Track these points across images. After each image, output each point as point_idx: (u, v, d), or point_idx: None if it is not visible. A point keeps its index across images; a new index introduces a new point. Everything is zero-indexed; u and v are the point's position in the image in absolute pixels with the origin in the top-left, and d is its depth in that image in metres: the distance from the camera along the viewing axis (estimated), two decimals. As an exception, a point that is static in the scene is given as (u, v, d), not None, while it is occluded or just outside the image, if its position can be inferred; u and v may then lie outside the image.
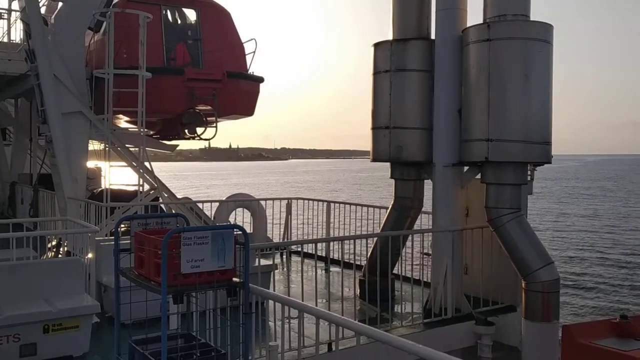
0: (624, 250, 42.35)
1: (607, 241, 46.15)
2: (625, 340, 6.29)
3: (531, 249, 6.93)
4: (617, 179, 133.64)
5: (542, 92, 7.04)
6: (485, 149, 6.99)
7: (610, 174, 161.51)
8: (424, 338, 6.60)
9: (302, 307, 4.23)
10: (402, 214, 8.34)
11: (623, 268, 35.53)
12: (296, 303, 4.35)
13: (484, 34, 7.06)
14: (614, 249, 42.56)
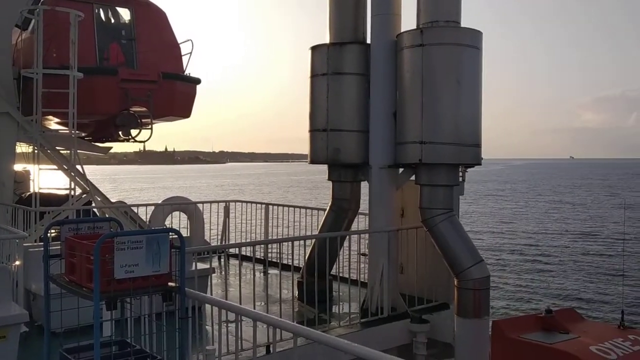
0: (548, 247, 44.43)
1: (532, 240, 48.29)
2: (550, 334, 6.61)
3: (463, 248, 7.17)
4: (539, 181, 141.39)
5: (472, 97, 7.29)
6: (419, 151, 7.18)
7: (535, 177, 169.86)
8: (360, 337, 6.70)
9: (239, 310, 4.23)
10: (339, 215, 8.44)
11: (548, 264, 37.25)
12: (233, 306, 4.34)
13: (417, 39, 7.25)
14: (538, 247, 44.59)
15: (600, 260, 38.61)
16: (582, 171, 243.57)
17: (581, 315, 7.97)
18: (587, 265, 37.12)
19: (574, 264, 37.40)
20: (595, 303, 26.91)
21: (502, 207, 76.55)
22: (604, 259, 39.27)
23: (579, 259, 39.39)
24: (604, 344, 6.58)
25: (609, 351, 6.44)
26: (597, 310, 25.54)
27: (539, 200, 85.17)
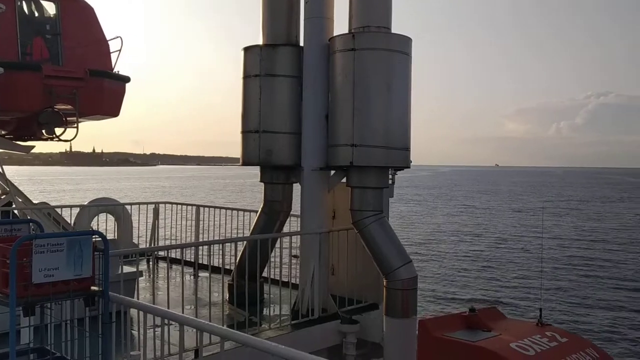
0: (472, 249, 46.09)
1: (457, 241, 50.05)
2: (473, 332, 6.87)
3: (392, 249, 7.31)
4: (464, 187, 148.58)
5: (402, 101, 7.45)
6: (350, 153, 7.27)
7: (462, 182, 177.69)
8: (291, 339, 6.71)
9: (165, 314, 4.14)
10: (271, 217, 8.42)
11: (472, 265, 38.64)
12: (159, 310, 4.24)
13: (349, 43, 7.34)
14: (463, 248, 46.20)
15: (520, 261, 40.40)
16: (507, 178, 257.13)
17: (503, 314, 8.33)
18: (508, 265, 38.74)
19: (496, 264, 38.95)
20: (516, 301, 28.11)
21: (429, 211, 79.78)
22: (524, 259, 41.11)
23: (500, 259, 41.08)
24: (524, 341, 6.90)
25: (527, 347, 6.76)
26: (518, 308, 26.68)
27: (462, 204, 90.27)
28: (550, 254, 42.38)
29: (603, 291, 30.85)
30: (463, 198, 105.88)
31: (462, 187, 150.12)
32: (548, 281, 32.56)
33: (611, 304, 28.06)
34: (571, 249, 46.52)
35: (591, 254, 43.53)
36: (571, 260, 40.57)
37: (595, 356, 7.42)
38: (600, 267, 38.21)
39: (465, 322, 7.41)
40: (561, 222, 64.59)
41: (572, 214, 74.90)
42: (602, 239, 52.67)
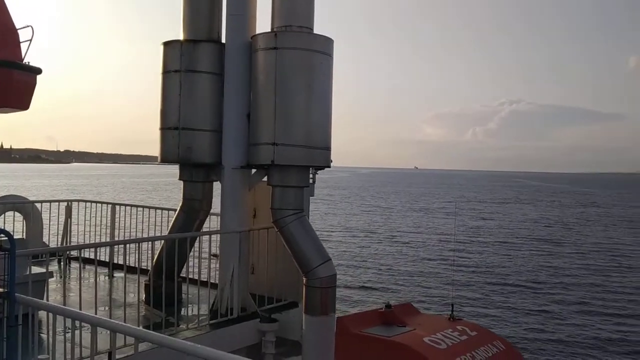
0: (388, 246, 47.43)
1: (374, 239, 51.39)
2: (389, 327, 7.07)
3: (312, 248, 7.38)
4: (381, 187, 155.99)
5: (323, 101, 7.54)
6: (271, 152, 7.27)
7: (377, 183, 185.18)
8: (209, 339, 6.63)
9: (76, 315, 3.99)
10: (190, 215, 8.28)
11: (389, 262, 39.75)
12: (70, 312, 4.08)
13: (271, 42, 7.34)
14: (380, 246, 47.48)
15: (434, 257, 41.93)
16: (423, 180, 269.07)
17: (417, 309, 8.62)
18: (422, 261, 40.12)
19: (411, 261, 40.23)
20: (430, 297, 29.13)
21: (347, 210, 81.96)
22: (437, 256, 42.70)
23: (415, 256, 42.44)
24: (436, 335, 7.17)
25: (440, 341, 7.03)
26: (432, 303, 27.66)
27: (372, 205, 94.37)
28: (460, 249, 44.23)
29: (510, 286, 32.54)
30: (371, 198, 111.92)
31: (376, 188, 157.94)
32: (459, 277, 33.98)
33: (517, 298, 29.64)
34: (480, 246, 48.81)
35: (497, 251, 45.83)
36: (480, 257, 42.51)
37: (502, 348, 7.83)
38: (507, 264, 40.26)
39: (381, 318, 7.61)
40: (467, 222, 68.49)
41: (465, 213, 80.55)
42: (505, 236, 55.72)
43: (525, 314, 26.75)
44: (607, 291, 31.96)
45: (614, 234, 58.92)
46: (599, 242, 52.48)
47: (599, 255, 44.47)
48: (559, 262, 41.34)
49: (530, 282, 34.14)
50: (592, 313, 27.30)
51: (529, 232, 59.28)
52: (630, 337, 23.11)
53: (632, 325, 24.92)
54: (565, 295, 31.03)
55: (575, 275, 36.74)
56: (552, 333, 23.77)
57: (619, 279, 34.96)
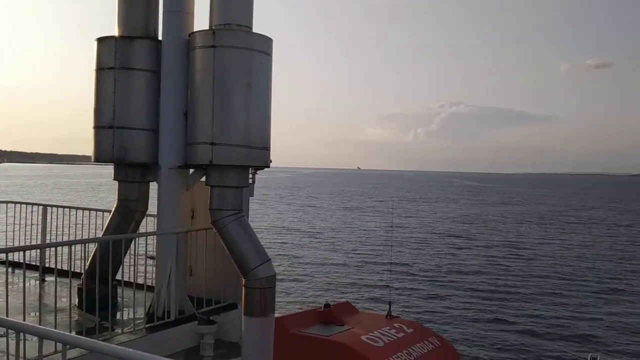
0: (327, 245, 47.90)
1: (312, 239, 51.81)
2: (328, 326, 7.11)
3: (251, 248, 7.32)
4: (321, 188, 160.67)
5: (262, 101, 7.50)
6: (209, 152, 7.17)
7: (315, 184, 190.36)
8: (145, 343, 6.49)
9: (0, 321, 3.81)
10: (125, 217, 8.06)
11: (327, 261, 40.14)
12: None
13: (209, 40, 7.24)
14: (318, 245, 47.89)
15: (370, 256, 42.64)
16: (365, 180, 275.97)
17: (355, 308, 8.72)
18: (361, 260, 40.72)
19: (349, 260, 40.73)
20: (368, 295, 29.60)
21: (281, 209, 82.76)
22: (374, 254, 43.43)
23: (352, 255, 43.02)
24: (374, 333, 7.27)
25: (377, 339, 7.13)
26: (370, 301, 28.10)
27: (312, 205, 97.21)
28: (395, 247, 45.12)
29: (445, 283, 33.46)
30: (306, 198, 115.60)
31: (313, 188, 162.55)
32: (396, 275, 34.71)
33: (452, 294, 30.51)
34: (413, 243, 50.01)
35: (430, 248, 47.12)
36: (415, 255, 43.53)
37: (437, 344, 8.03)
38: (440, 260, 41.41)
39: (320, 318, 7.65)
40: (396, 220, 71.38)
41: (396, 212, 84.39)
42: (434, 232, 57.63)
43: (459, 309, 27.62)
44: (536, 284, 33.46)
45: (524, 230, 63.97)
46: (511, 237, 57.14)
47: (518, 250, 47.66)
48: (476, 259, 43.33)
49: (462, 278, 35.37)
50: (519, 306, 28.58)
51: (447, 229, 62.68)
52: (551, 321, 24.36)
53: (545, 310, 26.43)
54: (492, 289, 32.36)
55: (490, 272, 38.37)
56: (484, 328, 24.61)
57: (526, 270, 38.19)
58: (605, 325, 25.37)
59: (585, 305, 29.12)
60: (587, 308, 28.43)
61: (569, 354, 21.54)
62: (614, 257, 45.01)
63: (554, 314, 27.57)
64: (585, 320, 26.11)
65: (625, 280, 36.01)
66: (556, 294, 31.74)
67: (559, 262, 42.07)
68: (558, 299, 30.56)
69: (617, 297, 31.22)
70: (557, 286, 33.81)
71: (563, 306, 28.91)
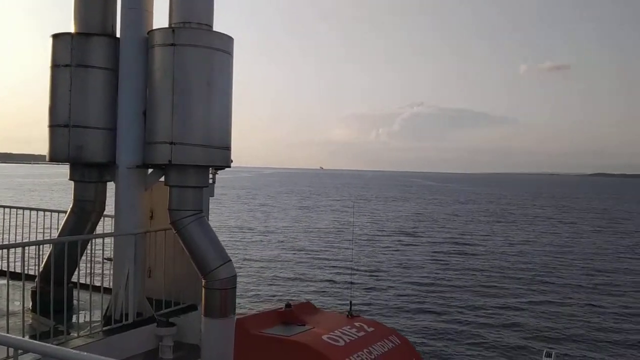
0: (287, 245, 48.00)
1: (273, 238, 51.81)
2: (289, 327, 7.10)
3: (211, 249, 7.25)
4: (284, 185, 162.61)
5: (223, 100, 7.44)
6: (169, 151, 7.08)
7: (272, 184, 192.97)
8: (102, 347, 6.37)
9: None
10: (82, 217, 7.89)
11: (289, 261, 40.19)
12: None
13: (169, 38, 7.14)
14: (279, 245, 47.93)
15: (331, 255, 42.87)
16: (326, 180, 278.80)
17: (317, 307, 8.74)
18: (322, 259, 40.90)
19: (312, 259, 40.86)
20: (329, 294, 29.73)
21: (242, 210, 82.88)
22: (335, 254, 43.68)
23: (316, 254, 43.15)
24: (335, 333, 7.31)
25: (338, 339, 7.17)
26: (332, 301, 28.24)
27: (269, 204, 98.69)
28: (361, 249, 45.47)
29: (404, 281, 33.89)
30: (264, 198, 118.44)
31: (273, 188, 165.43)
32: (357, 274, 34.99)
33: (411, 291, 30.93)
34: (372, 242, 50.55)
35: (391, 248, 47.71)
36: (375, 253, 43.98)
37: (398, 342, 8.13)
38: (401, 259, 41.95)
39: (281, 318, 7.64)
40: (348, 218, 73.12)
41: (347, 210, 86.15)
42: (403, 233, 58.52)
43: (418, 307, 28.02)
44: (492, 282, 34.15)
45: (470, 227, 67.08)
46: (456, 234, 59.63)
47: (463, 245, 49.78)
48: (430, 255, 44.39)
49: (418, 275, 36.00)
50: (475, 301, 29.20)
51: (400, 227, 64.82)
52: (503, 312, 24.94)
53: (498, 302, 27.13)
54: (447, 285, 33.05)
55: (444, 269, 39.28)
56: (443, 324, 24.99)
57: (477, 266, 39.77)
58: (556, 319, 26.12)
59: (537, 301, 29.89)
60: (542, 304, 29.20)
61: (525, 347, 22.10)
62: (552, 252, 47.33)
63: (510, 309, 28.26)
64: (541, 318, 26.81)
65: (562, 273, 37.88)
66: (519, 288, 32.56)
67: (503, 259, 43.74)
68: (518, 294, 31.34)
69: (560, 290, 32.72)
70: (519, 282, 34.65)
71: (521, 302, 29.63)
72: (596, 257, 46.71)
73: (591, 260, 44.99)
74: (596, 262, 43.54)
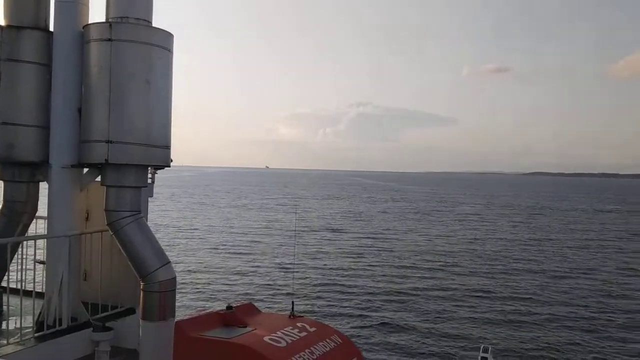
0: (226, 247, 47.60)
1: (214, 240, 51.27)
2: (230, 329, 7.02)
3: (149, 251, 7.07)
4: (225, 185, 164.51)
5: (162, 98, 7.26)
6: (105, 150, 6.85)
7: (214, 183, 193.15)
8: (34, 353, 6.12)
9: None
10: (12, 219, 7.54)
11: (231, 262, 39.84)
12: None
13: (105, 33, 6.91)
14: (218, 247, 47.48)
15: (274, 256, 42.82)
16: (269, 179, 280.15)
17: (258, 309, 8.68)
18: (263, 260, 40.79)
19: (251, 260, 40.66)
20: (271, 295, 29.66)
21: (180, 209, 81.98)
22: (278, 254, 43.64)
23: (254, 255, 42.99)
24: (277, 334, 7.27)
25: (280, 340, 7.14)
26: (274, 302, 28.17)
27: (203, 202, 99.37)
28: (303, 250, 45.55)
29: (343, 280, 34.22)
30: (199, 196, 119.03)
31: (211, 187, 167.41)
32: (299, 275, 35.04)
33: (351, 290, 31.26)
34: (319, 242, 50.80)
35: (331, 247, 48.12)
36: (316, 253, 44.20)
37: (339, 342, 8.18)
38: (343, 259, 42.32)
39: (221, 320, 7.53)
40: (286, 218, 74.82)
41: (284, 210, 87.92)
42: (344, 231, 59.17)
43: (357, 305, 28.34)
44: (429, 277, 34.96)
45: (395, 224, 71.72)
46: (379, 230, 63.51)
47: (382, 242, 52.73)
48: (365, 254, 45.32)
49: (356, 274, 36.50)
50: (414, 298, 29.83)
51: (332, 225, 67.38)
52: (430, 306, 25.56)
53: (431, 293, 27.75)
54: (388, 285, 33.64)
55: (377, 267, 39.95)
56: (384, 322, 25.38)
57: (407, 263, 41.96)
58: (493, 313, 26.99)
59: (474, 295, 30.82)
60: (477, 297, 30.10)
61: (464, 341, 22.70)
62: (467, 248, 50.73)
63: (449, 301, 29.01)
64: (478, 312, 27.63)
65: (477, 265, 40.92)
66: (452, 284, 33.43)
67: (432, 253, 45.68)
68: (454, 289, 32.19)
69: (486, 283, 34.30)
70: (451, 277, 35.65)
71: (457, 295, 30.45)
72: (510, 249, 50.56)
73: (504, 251, 48.60)
74: (504, 254, 47.03)
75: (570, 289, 33.51)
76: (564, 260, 45.28)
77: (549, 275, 37.81)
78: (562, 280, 36.22)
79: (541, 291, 32.60)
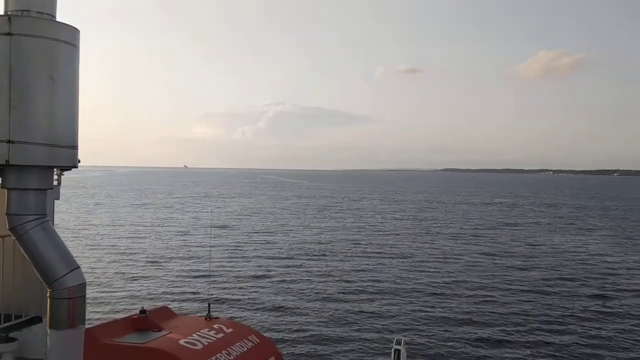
0: (143, 249, 46.30)
1: (130, 243, 49.76)
2: (144, 333, 6.82)
3: (56, 256, 6.74)
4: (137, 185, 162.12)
5: (68, 96, 6.94)
6: (6, 151, 6.46)
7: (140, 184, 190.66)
8: None
9: None
10: None
11: (146, 266, 38.73)
12: None
13: (4, 26, 6.51)
14: (134, 249, 46.11)
15: (188, 257, 42.10)
16: (185, 178, 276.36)
17: (174, 312, 8.50)
18: (177, 262, 39.96)
19: (165, 262, 39.73)
20: (187, 298, 29.12)
21: (98, 213, 79.04)
22: (192, 255, 42.92)
23: (168, 257, 42.04)
24: (193, 336, 7.16)
25: (196, 342, 7.02)
26: (190, 304, 27.68)
27: (102, 202, 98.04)
28: (218, 251, 45.06)
29: (258, 279, 34.19)
30: (105, 196, 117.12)
31: (117, 187, 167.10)
32: (216, 276, 34.63)
33: (267, 290, 31.28)
34: (234, 242, 50.47)
35: (246, 247, 47.94)
36: (235, 253, 43.89)
37: (257, 341, 8.16)
38: (258, 256, 42.26)
39: (135, 325, 7.30)
40: (181, 217, 75.25)
41: (188, 209, 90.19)
42: (251, 231, 59.19)
43: (277, 305, 28.40)
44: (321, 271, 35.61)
45: (300, 220, 75.82)
46: (279, 225, 66.69)
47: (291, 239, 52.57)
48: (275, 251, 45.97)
49: (269, 272, 36.67)
50: (329, 294, 30.30)
51: (240, 224, 68.11)
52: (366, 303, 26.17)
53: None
54: (303, 282, 33.99)
55: (295, 264, 40.40)
56: (301, 321, 25.58)
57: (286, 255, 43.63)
58: (403, 305, 27.87)
59: (383, 289, 31.69)
60: (386, 291, 30.95)
61: (378, 334, 23.28)
62: (352, 239, 54.80)
63: (361, 294, 29.64)
64: (390, 305, 28.40)
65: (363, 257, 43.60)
66: (361, 278, 34.17)
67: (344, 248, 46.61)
68: (363, 283, 32.91)
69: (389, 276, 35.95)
70: (359, 271, 36.46)
71: (368, 289, 31.16)
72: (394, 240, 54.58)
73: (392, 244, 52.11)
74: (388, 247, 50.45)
75: (436, 274, 35.93)
76: (434, 249, 49.97)
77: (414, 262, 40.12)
78: (432, 265, 38.70)
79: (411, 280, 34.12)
